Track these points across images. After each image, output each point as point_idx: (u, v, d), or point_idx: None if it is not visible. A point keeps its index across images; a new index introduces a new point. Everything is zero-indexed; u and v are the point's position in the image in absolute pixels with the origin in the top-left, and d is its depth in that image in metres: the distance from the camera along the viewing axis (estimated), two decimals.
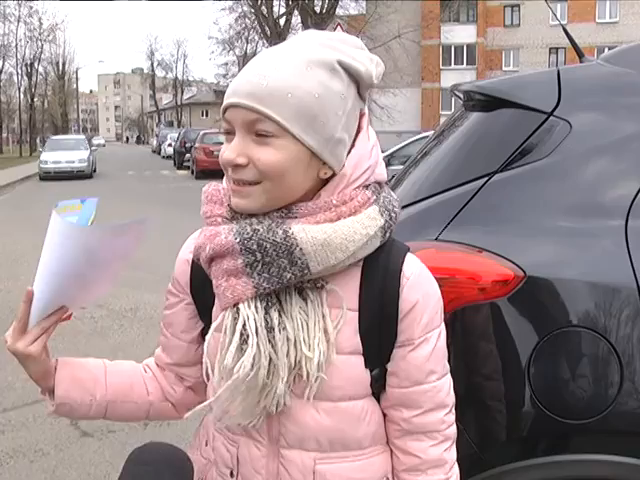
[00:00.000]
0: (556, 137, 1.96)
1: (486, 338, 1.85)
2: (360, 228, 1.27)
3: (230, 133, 1.28)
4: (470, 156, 2.08)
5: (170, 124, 78.09)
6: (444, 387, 1.39)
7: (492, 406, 1.86)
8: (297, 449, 1.37)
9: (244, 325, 1.27)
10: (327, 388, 1.32)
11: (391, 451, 1.44)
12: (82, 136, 42.29)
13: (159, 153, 50.86)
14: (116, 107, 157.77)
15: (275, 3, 35.34)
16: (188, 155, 32.12)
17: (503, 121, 2.07)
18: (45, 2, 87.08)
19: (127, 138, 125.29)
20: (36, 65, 63.02)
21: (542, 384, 1.81)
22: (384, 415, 1.42)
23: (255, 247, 1.25)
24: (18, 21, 53.93)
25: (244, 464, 1.40)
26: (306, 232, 1.24)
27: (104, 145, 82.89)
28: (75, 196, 1.68)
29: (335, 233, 1.25)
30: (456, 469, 1.43)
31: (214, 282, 1.31)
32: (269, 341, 1.27)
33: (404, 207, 2.03)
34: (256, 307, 1.27)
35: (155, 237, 12.44)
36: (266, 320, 1.28)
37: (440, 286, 1.41)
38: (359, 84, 1.33)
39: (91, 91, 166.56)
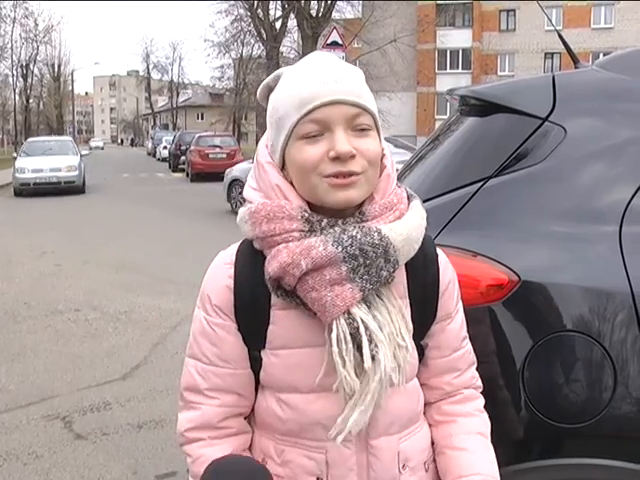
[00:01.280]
0: (551, 142, 1.97)
1: (480, 342, 1.85)
2: (421, 221, 1.43)
3: (315, 136, 1.34)
4: (465, 161, 2.09)
5: (165, 127, 77.96)
6: (470, 347, 1.59)
7: (486, 410, 1.86)
8: (384, 436, 1.45)
9: (366, 326, 1.34)
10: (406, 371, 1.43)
11: (430, 406, 1.57)
12: (68, 137, 34.51)
13: (154, 156, 50.79)
14: (111, 109, 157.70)
15: (271, 6, 35.37)
16: (183, 158, 32.07)
17: (498, 126, 2.08)
18: (41, 2, 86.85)
19: (122, 140, 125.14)
20: (31, 67, 63.06)
21: (536, 388, 1.81)
22: (422, 385, 1.55)
23: (357, 252, 1.33)
24: (13, 22, 53.92)
25: (335, 467, 1.44)
26: (393, 230, 1.36)
27: (102, 148, 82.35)
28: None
29: (411, 228, 1.39)
30: (486, 415, 1.58)
31: (313, 295, 1.34)
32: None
33: None
34: (364, 309, 1.36)
35: (150, 240, 12.44)
36: (374, 319, 1.37)
37: None
38: None
39: (87, 93, 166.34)
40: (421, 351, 1.51)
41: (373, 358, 1.34)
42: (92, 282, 8.95)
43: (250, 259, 1.41)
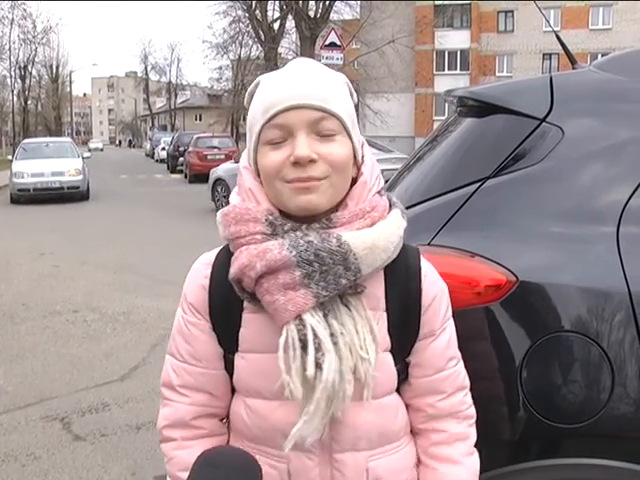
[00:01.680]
0: (548, 143, 1.97)
1: (478, 342, 1.86)
2: (395, 230, 1.40)
3: (278, 142, 1.34)
4: (463, 161, 2.09)
5: (164, 128, 77.87)
6: (462, 371, 1.54)
7: (484, 410, 1.86)
8: (350, 451, 1.43)
9: (315, 334, 1.32)
10: (374, 386, 1.39)
11: (415, 435, 1.54)
12: (67, 139, 31.30)
13: (153, 157, 50.79)
14: (110, 110, 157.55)
15: (269, 7, 35.32)
16: (181, 159, 32.05)
17: (496, 127, 2.08)
18: (40, 4, 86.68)
19: (120, 142, 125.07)
20: (30, 68, 62.97)
21: (534, 388, 1.82)
22: (407, 406, 1.53)
23: (312, 258, 1.31)
24: (12, 24, 53.73)
25: (297, 477, 1.43)
26: (356, 238, 1.34)
27: (102, 149, 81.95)
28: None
29: (379, 237, 1.36)
30: (476, 453, 1.55)
31: (267, 298, 1.34)
32: (333, 347, 1.33)
33: None
34: (318, 316, 1.34)
35: (148, 240, 12.42)
36: (328, 327, 1.34)
37: None
38: None
39: (85, 94, 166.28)
40: (405, 368, 1.49)
41: (320, 367, 1.31)
42: (90, 283, 8.95)
43: (227, 261, 1.41)
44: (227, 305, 1.43)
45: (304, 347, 1.32)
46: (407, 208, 2.02)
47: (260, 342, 1.40)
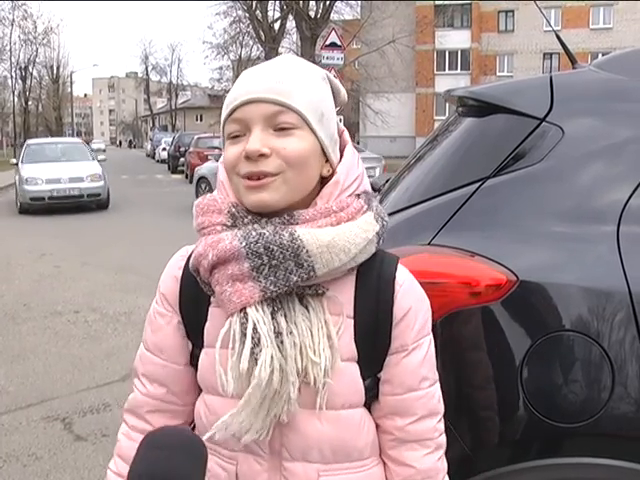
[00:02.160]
0: (548, 142, 1.98)
1: (479, 342, 1.86)
2: (360, 232, 1.32)
3: (238, 136, 1.32)
4: (463, 161, 2.09)
5: (164, 128, 77.90)
6: (436, 394, 1.42)
7: (485, 409, 1.87)
8: (300, 461, 1.37)
9: (254, 328, 1.28)
10: (330, 395, 1.33)
11: (384, 464, 1.44)
12: (78, 139, 28.22)
13: (153, 157, 50.81)
14: (110, 111, 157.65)
15: (270, 8, 35.33)
16: (182, 159, 32.04)
17: (496, 127, 2.08)
18: (40, 3, 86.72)
19: (120, 142, 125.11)
20: (30, 69, 62.96)
21: (534, 388, 1.82)
22: (376, 426, 1.43)
23: (262, 250, 1.27)
24: (12, 24, 53.77)
25: None
26: (311, 234, 1.28)
27: (104, 150, 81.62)
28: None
29: (338, 235, 1.29)
30: (446, 478, 1.45)
31: (217, 289, 1.32)
32: (277, 346, 1.28)
33: (397, 212, 2.04)
34: (264, 311, 1.29)
35: (149, 240, 12.42)
36: (274, 325, 1.29)
37: (433, 290, 1.46)
38: (334, 99, 1.43)
39: (85, 95, 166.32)
40: (376, 384, 1.40)
41: (256, 363, 1.27)
42: (91, 284, 8.96)
43: None
44: (196, 298, 1.40)
45: (243, 341, 1.28)
46: (407, 208, 2.04)
47: (218, 335, 1.35)
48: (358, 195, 1.37)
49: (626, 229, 1.88)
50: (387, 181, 2.64)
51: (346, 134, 1.45)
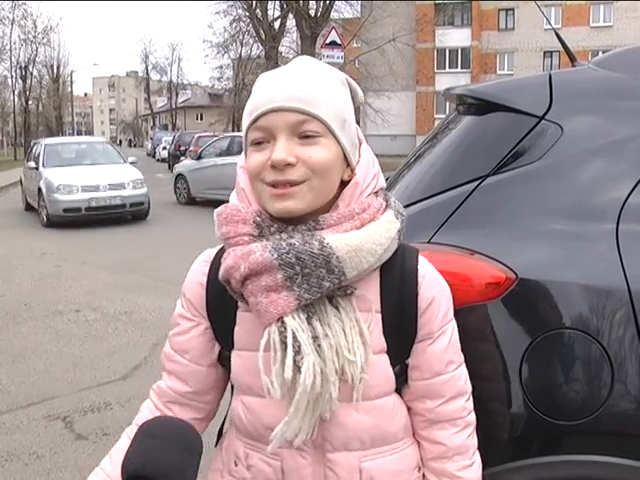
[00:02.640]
0: (547, 140, 1.98)
1: (478, 340, 1.86)
2: (384, 232, 1.37)
3: (261, 143, 1.34)
4: (462, 159, 2.09)
5: (165, 127, 77.93)
6: (462, 375, 1.52)
7: (484, 407, 1.86)
8: (342, 451, 1.43)
9: (294, 337, 1.31)
10: (365, 387, 1.39)
11: (418, 443, 1.53)
12: (102, 138, 25.24)
13: (154, 156, 50.79)
14: (111, 110, 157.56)
15: (270, 6, 35.32)
16: (183, 158, 32.03)
17: (495, 125, 2.08)
18: (40, 4, 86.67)
19: (120, 141, 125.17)
20: (30, 68, 62.82)
21: (534, 385, 1.82)
22: (408, 409, 1.51)
23: (294, 260, 1.30)
24: (12, 24, 53.71)
25: (290, 475, 1.45)
26: (340, 240, 1.32)
27: None
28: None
29: (364, 239, 1.34)
30: (478, 455, 1.54)
31: (251, 300, 1.35)
32: (315, 350, 1.33)
33: None
34: (300, 318, 1.33)
35: (149, 240, 12.38)
36: (310, 330, 1.33)
37: None
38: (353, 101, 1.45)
39: (86, 94, 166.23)
40: (404, 370, 1.48)
41: (300, 370, 1.32)
42: (92, 283, 8.97)
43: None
44: (223, 303, 1.44)
45: (286, 349, 1.32)
46: (407, 206, 2.03)
47: (252, 340, 1.39)
48: (376, 193, 1.42)
49: (625, 227, 1.88)
50: (387, 180, 2.64)
51: (360, 133, 1.46)
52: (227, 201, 1.44)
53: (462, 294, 1.84)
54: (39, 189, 15.16)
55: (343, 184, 1.39)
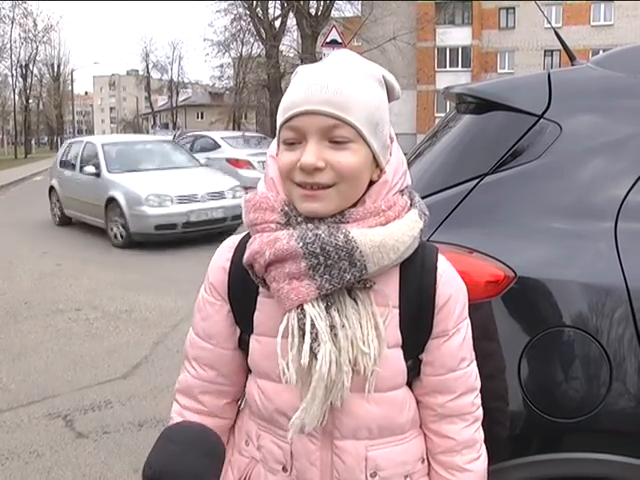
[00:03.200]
0: (546, 139, 1.98)
1: (476, 338, 1.86)
2: (407, 230, 1.40)
3: (294, 143, 1.35)
4: (462, 158, 2.10)
5: (165, 126, 77.84)
6: (473, 372, 1.55)
7: (483, 405, 1.87)
8: (350, 439, 1.47)
9: (312, 324, 1.35)
10: (378, 380, 1.42)
11: (425, 435, 1.56)
12: (167, 137, 21.80)
13: None
14: (111, 109, 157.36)
15: (270, 5, 35.29)
16: None
17: (494, 123, 2.09)
18: (40, 3, 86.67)
19: None
20: (31, 67, 62.85)
21: (533, 383, 1.83)
22: (417, 402, 1.54)
23: (318, 251, 1.33)
24: (12, 22, 53.68)
25: (299, 458, 1.49)
26: (364, 235, 1.35)
27: None
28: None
29: (389, 235, 1.36)
30: (484, 449, 1.57)
31: (273, 286, 1.38)
32: (331, 339, 1.36)
33: None
34: (319, 307, 1.36)
35: (150, 240, 12.29)
36: (328, 320, 1.37)
37: None
38: (388, 97, 1.45)
39: (86, 93, 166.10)
40: (417, 365, 1.51)
41: (316, 357, 1.35)
42: (92, 281, 8.97)
43: (246, 246, 1.44)
44: (244, 288, 1.47)
45: (303, 336, 1.35)
46: None
47: (271, 326, 1.43)
48: (402, 191, 1.44)
49: (624, 225, 1.88)
50: None
51: (392, 131, 1.48)
52: None
53: None
54: (109, 200, 11.90)
55: (371, 181, 1.41)
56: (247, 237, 1.47)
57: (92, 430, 4.49)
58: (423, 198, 2.02)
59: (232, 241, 1.55)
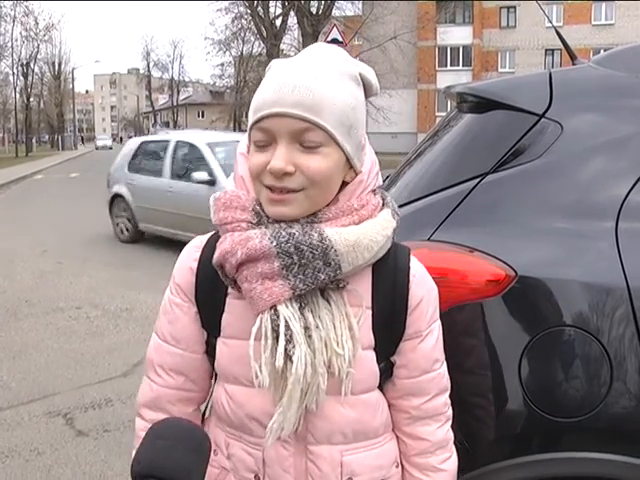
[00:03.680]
0: (547, 138, 1.98)
1: (477, 337, 1.87)
2: (381, 229, 1.37)
3: (265, 145, 1.31)
4: (463, 157, 2.10)
5: (166, 125, 77.92)
6: (445, 372, 1.53)
7: (483, 404, 1.88)
8: (325, 444, 1.44)
9: (287, 326, 1.31)
10: (353, 382, 1.39)
11: (397, 438, 1.54)
12: (238, 134, 16.18)
13: None
14: (112, 107, 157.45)
15: (271, 4, 35.32)
16: None
17: (495, 123, 2.09)
18: (41, 2, 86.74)
19: (121, 138, 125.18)
20: (32, 65, 63.02)
21: (533, 382, 1.82)
22: (389, 405, 1.52)
23: (292, 250, 1.30)
24: (14, 21, 53.75)
25: (271, 465, 1.44)
26: (339, 234, 1.32)
27: (111, 148, 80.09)
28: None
29: (363, 235, 1.34)
30: (453, 447, 1.56)
31: (245, 286, 1.34)
32: (306, 341, 1.33)
33: (398, 207, 2.05)
34: (293, 308, 1.33)
35: (150, 237, 12.33)
36: (302, 321, 1.33)
37: None
38: (366, 93, 1.41)
39: (87, 91, 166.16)
40: (389, 367, 1.48)
41: (291, 359, 1.32)
42: (93, 280, 8.97)
43: (215, 245, 1.40)
44: (213, 289, 1.43)
45: (277, 337, 1.32)
46: (407, 204, 2.04)
47: (241, 328, 1.39)
48: (374, 191, 1.42)
49: (625, 225, 1.88)
50: (387, 177, 2.65)
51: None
52: None
53: (461, 291, 1.85)
54: None
55: (344, 182, 1.38)
56: (215, 237, 1.43)
57: (92, 428, 4.49)
58: (424, 197, 2.05)
59: (200, 240, 1.50)
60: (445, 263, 1.89)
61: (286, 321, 1.31)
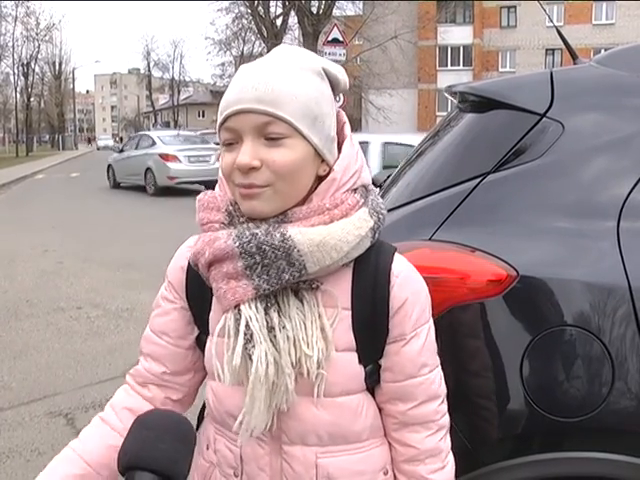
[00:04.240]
0: (549, 138, 1.98)
1: (479, 337, 1.86)
2: (353, 229, 1.34)
3: (232, 144, 1.33)
4: (464, 157, 2.09)
5: (167, 124, 77.95)
6: (436, 379, 1.47)
7: (485, 404, 1.88)
8: (299, 445, 1.43)
9: (247, 325, 1.32)
10: (328, 384, 1.37)
11: (389, 443, 1.50)
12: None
13: None
14: (112, 107, 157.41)
15: (272, 4, 35.29)
16: None
17: (497, 122, 2.09)
18: (42, 2, 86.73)
19: (121, 138, 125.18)
20: (33, 65, 62.92)
21: (535, 382, 1.82)
22: (380, 409, 1.49)
23: (254, 250, 1.30)
24: (15, 21, 53.77)
25: (248, 463, 1.45)
26: (303, 234, 1.30)
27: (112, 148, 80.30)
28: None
29: (330, 235, 1.31)
30: (451, 457, 1.51)
31: (214, 285, 1.36)
32: (270, 340, 1.33)
33: (399, 207, 2.05)
34: (257, 307, 1.33)
35: (151, 237, 12.37)
36: (266, 320, 1.33)
37: (434, 285, 1.49)
38: (333, 89, 1.41)
39: (88, 91, 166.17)
40: (377, 370, 1.45)
41: (250, 358, 1.32)
42: (94, 280, 8.97)
43: None
44: (201, 287, 1.44)
45: (237, 336, 1.33)
46: (408, 203, 2.04)
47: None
48: (355, 190, 1.39)
49: (626, 224, 1.88)
50: (388, 177, 2.65)
51: (347, 127, 1.44)
52: (143, 186, 1.44)
53: (463, 291, 1.85)
54: None
55: (321, 178, 1.37)
56: None
57: None
58: (425, 197, 2.04)
59: (193, 240, 1.50)
60: (446, 263, 1.89)
61: (246, 320, 1.32)
